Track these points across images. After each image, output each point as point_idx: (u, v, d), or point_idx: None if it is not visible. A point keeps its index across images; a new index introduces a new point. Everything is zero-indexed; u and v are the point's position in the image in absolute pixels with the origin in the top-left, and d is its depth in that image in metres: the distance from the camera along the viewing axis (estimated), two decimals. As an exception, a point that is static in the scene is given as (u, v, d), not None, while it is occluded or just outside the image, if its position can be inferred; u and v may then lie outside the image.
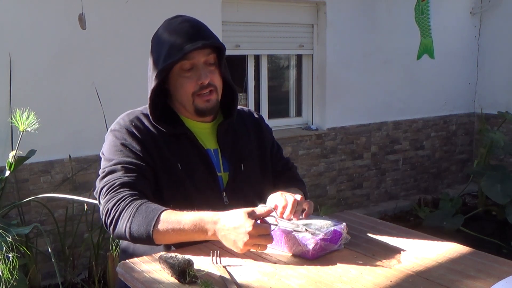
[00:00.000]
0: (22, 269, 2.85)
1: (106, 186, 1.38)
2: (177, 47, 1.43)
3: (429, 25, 4.56)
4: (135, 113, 1.53)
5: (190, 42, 1.43)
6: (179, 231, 1.28)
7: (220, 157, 1.55)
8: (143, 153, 1.43)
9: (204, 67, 1.47)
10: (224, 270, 1.19)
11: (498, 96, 5.54)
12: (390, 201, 5.19)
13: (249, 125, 1.66)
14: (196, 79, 1.46)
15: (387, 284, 1.13)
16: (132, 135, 1.45)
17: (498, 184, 4.45)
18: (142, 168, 1.41)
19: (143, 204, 1.34)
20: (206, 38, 1.46)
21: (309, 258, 1.26)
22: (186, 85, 1.47)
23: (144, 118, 1.50)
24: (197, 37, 1.44)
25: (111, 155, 1.44)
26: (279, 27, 4.43)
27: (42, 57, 3.29)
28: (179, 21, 1.49)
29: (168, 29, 1.49)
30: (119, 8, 3.49)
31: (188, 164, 1.47)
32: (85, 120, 3.44)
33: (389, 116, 5.09)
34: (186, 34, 1.44)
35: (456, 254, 1.30)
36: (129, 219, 1.32)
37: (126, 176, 1.38)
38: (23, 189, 3.27)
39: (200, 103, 1.49)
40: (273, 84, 4.70)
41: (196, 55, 1.45)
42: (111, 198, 1.36)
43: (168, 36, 1.47)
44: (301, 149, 4.52)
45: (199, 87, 1.47)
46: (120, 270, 1.23)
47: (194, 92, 1.47)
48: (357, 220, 1.58)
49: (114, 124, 1.50)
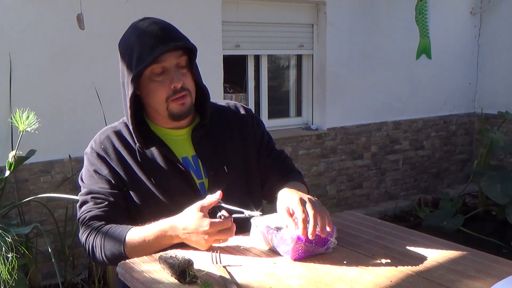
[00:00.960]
0: (22, 269, 2.85)
1: (80, 219, 1.45)
2: (147, 51, 1.36)
3: (427, 25, 4.58)
4: (107, 131, 1.50)
5: (160, 45, 1.37)
6: (148, 247, 1.33)
7: (200, 163, 1.51)
8: (113, 177, 1.43)
9: (176, 70, 1.41)
10: (224, 270, 1.19)
11: (498, 96, 5.54)
12: (390, 201, 5.19)
13: (233, 123, 1.59)
14: (169, 83, 1.40)
15: (387, 284, 1.13)
16: (101, 159, 1.45)
17: (498, 184, 4.45)
18: (112, 195, 1.43)
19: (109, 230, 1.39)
20: (177, 39, 1.40)
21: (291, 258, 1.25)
22: (158, 90, 1.42)
23: (115, 137, 1.48)
24: (167, 39, 1.38)
25: (85, 180, 1.48)
26: (279, 27, 4.43)
27: (42, 57, 3.29)
28: (147, 24, 1.41)
29: (136, 33, 1.41)
30: (118, 8, 3.49)
31: (162, 177, 1.45)
32: (85, 120, 3.43)
33: (389, 116, 5.09)
34: (155, 37, 1.38)
35: (456, 254, 1.30)
36: (101, 248, 1.39)
37: (96, 208, 1.42)
38: (23, 189, 3.27)
39: (175, 107, 1.43)
40: (273, 84, 4.70)
41: (167, 58, 1.39)
42: (83, 232, 1.43)
43: (136, 40, 1.39)
44: (301, 149, 4.52)
45: (172, 91, 1.41)
46: (120, 270, 1.23)
47: (167, 97, 1.41)
48: (357, 220, 1.58)
49: (89, 145, 1.50)
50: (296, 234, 1.24)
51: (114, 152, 1.46)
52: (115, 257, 1.36)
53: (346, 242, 1.38)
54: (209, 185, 1.49)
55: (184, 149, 1.51)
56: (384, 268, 1.21)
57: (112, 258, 1.37)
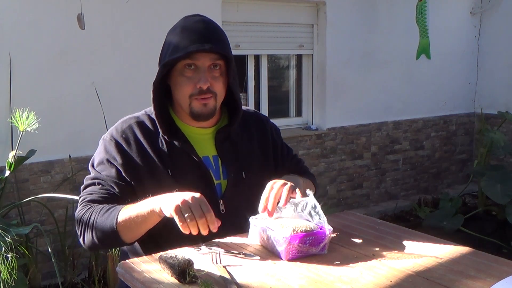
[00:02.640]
0: (22, 269, 2.85)
1: (80, 198, 1.44)
2: (184, 45, 1.39)
3: (426, 25, 4.58)
4: (130, 121, 1.50)
5: (198, 43, 1.39)
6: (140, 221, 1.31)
7: (220, 164, 1.51)
8: (125, 169, 1.42)
9: (207, 71, 1.43)
10: (224, 270, 1.19)
11: (498, 96, 5.54)
12: (390, 201, 5.19)
13: (253, 129, 1.62)
14: (196, 82, 1.42)
15: (387, 284, 1.13)
16: (118, 148, 1.44)
17: (498, 184, 4.45)
18: (118, 186, 1.42)
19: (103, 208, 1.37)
20: (216, 43, 1.41)
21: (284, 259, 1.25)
22: (185, 85, 1.43)
23: (137, 127, 1.48)
24: (207, 39, 1.40)
25: (96, 166, 1.47)
26: (279, 27, 4.43)
27: (42, 57, 3.29)
28: (195, 20, 1.45)
29: (183, 25, 1.44)
30: (119, 8, 3.49)
31: (179, 171, 1.45)
32: (85, 120, 3.43)
33: (389, 116, 5.09)
34: (196, 34, 1.40)
35: (456, 254, 1.30)
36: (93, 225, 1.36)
37: (98, 193, 1.42)
38: (23, 189, 3.27)
39: (196, 106, 1.44)
40: (273, 84, 4.70)
41: (201, 57, 1.41)
42: (78, 211, 1.42)
43: (180, 32, 1.43)
44: (301, 149, 4.52)
45: (198, 90, 1.42)
46: (120, 270, 1.23)
47: (191, 94, 1.43)
48: (357, 220, 1.58)
49: (108, 132, 1.50)
50: (289, 235, 1.24)
51: (135, 141, 1.45)
52: (105, 234, 1.34)
53: (346, 242, 1.38)
54: (227, 187, 1.50)
55: (206, 148, 1.52)
56: (384, 268, 1.21)
57: (101, 236, 1.35)
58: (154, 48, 3.63)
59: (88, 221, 1.37)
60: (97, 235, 1.36)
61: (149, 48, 3.62)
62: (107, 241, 1.37)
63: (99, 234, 1.36)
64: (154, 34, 3.65)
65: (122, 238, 1.34)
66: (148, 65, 3.74)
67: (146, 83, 1.53)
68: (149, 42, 3.55)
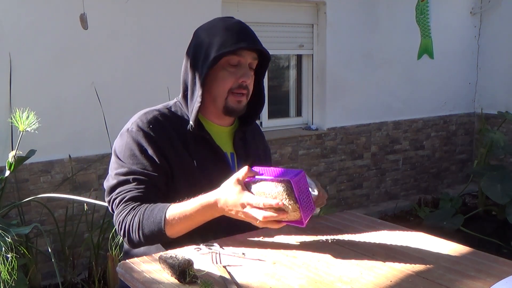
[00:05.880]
0: (22, 269, 2.85)
1: (118, 199, 1.42)
2: (232, 40, 1.45)
3: (428, 25, 4.58)
4: (152, 112, 1.50)
5: (244, 41, 1.46)
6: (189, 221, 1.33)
7: (236, 161, 1.57)
8: (158, 157, 1.42)
9: (248, 69, 1.50)
10: (224, 270, 1.19)
11: (498, 96, 5.54)
12: (390, 201, 5.19)
13: (256, 133, 1.74)
14: (239, 76, 1.48)
15: (387, 284, 1.13)
16: (148, 138, 1.44)
17: (498, 184, 4.45)
18: (153, 178, 1.42)
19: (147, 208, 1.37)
20: (257, 43, 1.50)
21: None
22: (227, 79, 1.48)
23: (162, 118, 1.49)
24: (250, 38, 1.49)
25: (124, 159, 1.44)
26: (279, 27, 4.43)
27: (42, 57, 3.29)
28: (235, 21, 1.52)
29: (224, 24, 1.50)
30: (119, 8, 3.49)
31: (204, 164, 1.49)
32: (85, 120, 3.44)
33: (389, 116, 5.09)
34: (242, 33, 1.48)
35: (456, 254, 1.30)
36: (139, 226, 1.36)
37: (136, 189, 1.40)
38: (23, 189, 3.27)
39: (232, 101, 1.50)
40: (273, 84, 4.70)
41: (246, 54, 1.48)
42: (121, 211, 1.40)
43: (224, 31, 1.48)
44: (301, 149, 4.52)
45: (238, 84, 1.48)
46: (120, 270, 1.23)
47: (231, 88, 1.49)
48: (357, 220, 1.58)
49: (132, 124, 1.48)
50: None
51: (162, 131, 1.46)
52: (154, 235, 1.35)
53: (346, 242, 1.38)
54: None
55: (225, 145, 1.58)
56: (384, 268, 1.21)
57: (150, 236, 1.36)
58: (154, 48, 3.66)
59: (133, 222, 1.37)
60: (144, 236, 1.37)
61: (149, 48, 3.63)
62: (155, 240, 1.38)
63: (147, 235, 1.36)
64: (154, 34, 3.66)
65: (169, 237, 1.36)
66: (148, 65, 3.75)
67: (146, 83, 1.54)
68: (149, 42, 3.56)
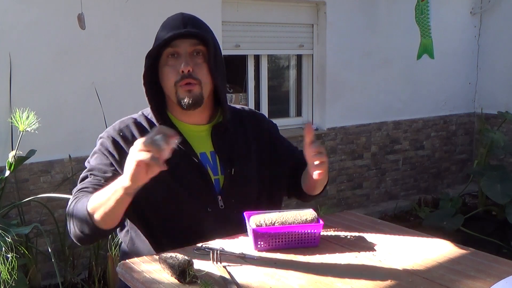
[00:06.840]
0: (22, 269, 2.85)
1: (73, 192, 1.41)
2: (163, 35, 1.44)
3: (429, 25, 4.57)
4: (127, 121, 1.51)
5: (174, 30, 1.42)
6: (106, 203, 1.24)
7: (218, 160, 1.51)
8: (121, 160, 1.38)
9: (189, 57, 1.43)
10: (224, 270, 1.19)
11: (498, 96, 5.54)
12: (390, 201, 5.19)
13: (248, 126, 1.61)
14: (179, 68, 1.42)
15: (387, 284, 1.13)
16: (115, 144, 1.44)
17: (498, 184, 4.45)
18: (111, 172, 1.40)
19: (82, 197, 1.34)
20: (193, 27, 1.43)
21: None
22: (168, 74, 1.44)
23: (134, 127, 1.48)
24: (184, 25, 1.43)
25: (91, 161, 1.47)
26: (279, 27, 4.43)
27: (42, 57, 3.29)
28: (175, 15, 1.49)
29: (163, 23, 1.50)
30: (119, 8, 3.49)
31: (178, 168, 1.43)
32: (85, 120, 3.43)
33: (389, 116, 5.09)
34: (175, 23, 1.45)
35: (456, 254, 1.30)
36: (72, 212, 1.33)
37: (90, 183, 1.38)
38: (23, 189, 3.27)
39: (182, 93, 1.43)
40: (273, 84, 4.70)
41: (181, 43, 1.43)
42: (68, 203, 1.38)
43: (161, 26, 1.49)
44: (301, 149, 4.51)
45: (180, 76, 1.41)
46: (120, 270, 1.23)
47: (176, 82, 1.42)
48: (357, 220, 1.58)
49: (105, 131, 1.50)
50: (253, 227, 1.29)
51: (132, 139, 1.43)
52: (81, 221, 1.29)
53: (346, 242, 1.38)
54: (224, 182, 1.49)
55: (203, 144, 1.52)
56: (384, 268, 1.21)
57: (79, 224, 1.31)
58: (154, 48, 3.65)
59: (69, 210, 1.34)
60: (75, 224, 1.32)
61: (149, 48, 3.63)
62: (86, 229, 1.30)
63: (77, 223, 1.32)
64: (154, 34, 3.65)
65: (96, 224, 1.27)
66: (148, 65, 3.75)
67: (146, 83, 1.53)
68: (149, 42, 3.53)
